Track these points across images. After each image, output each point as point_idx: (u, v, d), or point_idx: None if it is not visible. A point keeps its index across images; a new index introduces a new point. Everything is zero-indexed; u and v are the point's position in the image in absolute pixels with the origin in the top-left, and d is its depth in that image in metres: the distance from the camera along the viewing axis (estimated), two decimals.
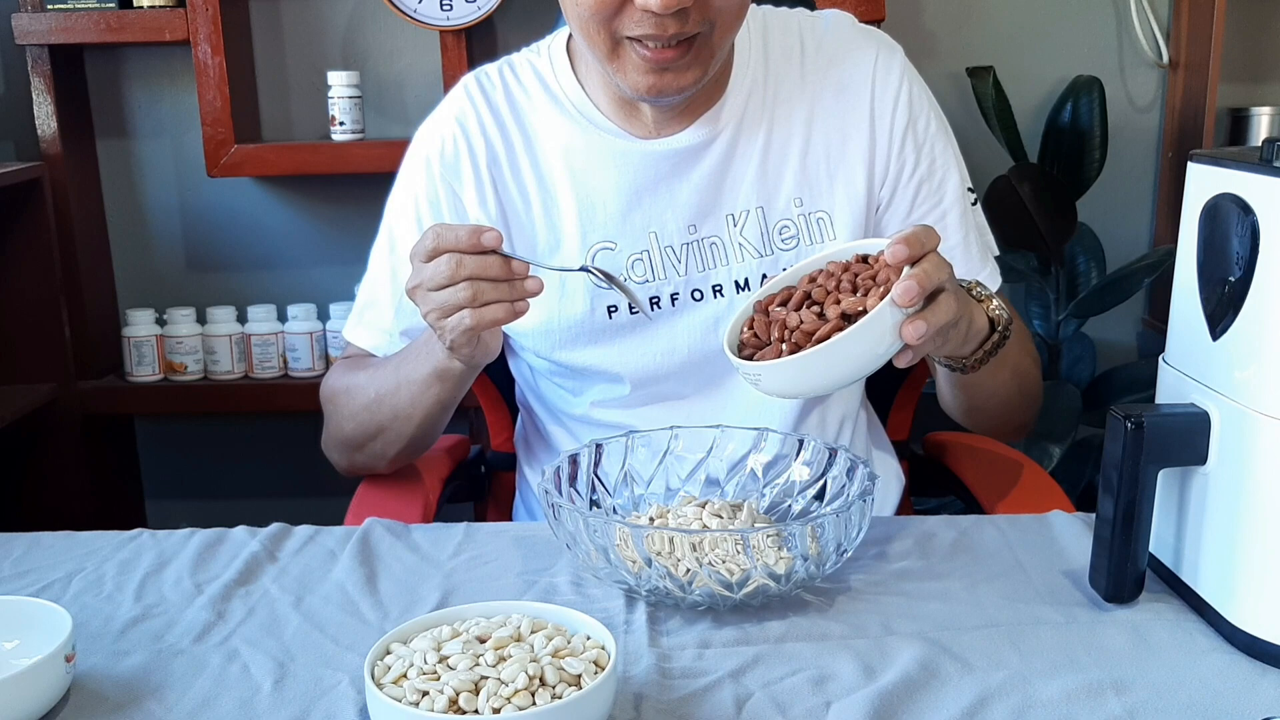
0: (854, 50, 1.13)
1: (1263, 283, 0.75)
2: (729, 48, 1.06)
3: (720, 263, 1.12)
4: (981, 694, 0.73)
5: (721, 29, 1.00)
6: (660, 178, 1.11)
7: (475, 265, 0.92)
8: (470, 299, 0.92)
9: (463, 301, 0.92)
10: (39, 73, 2.00)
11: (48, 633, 0.74)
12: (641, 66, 1.00)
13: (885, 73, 1.12)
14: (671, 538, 0.81)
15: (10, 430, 1.97)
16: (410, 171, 1.17)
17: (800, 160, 1.12)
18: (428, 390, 1.07)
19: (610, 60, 1.02)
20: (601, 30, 0.99)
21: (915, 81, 1.15)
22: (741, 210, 1.12)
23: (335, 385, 1.18)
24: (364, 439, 1.14)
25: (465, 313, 0.93)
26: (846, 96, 1.12)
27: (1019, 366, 1.11)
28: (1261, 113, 2.05)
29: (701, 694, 0.74)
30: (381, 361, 1.15)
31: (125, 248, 2.21)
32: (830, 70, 1.13)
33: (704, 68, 1.02)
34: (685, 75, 1.01)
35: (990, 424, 1.19)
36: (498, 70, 1.17)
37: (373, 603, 0.88)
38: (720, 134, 1.11)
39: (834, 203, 1.12)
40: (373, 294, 1.18)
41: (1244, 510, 0.77)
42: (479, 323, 0.93)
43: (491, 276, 0.92)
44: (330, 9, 2.11)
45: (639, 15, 0.97)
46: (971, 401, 1.13)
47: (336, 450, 1.19)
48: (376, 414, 1.11)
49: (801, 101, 1.12)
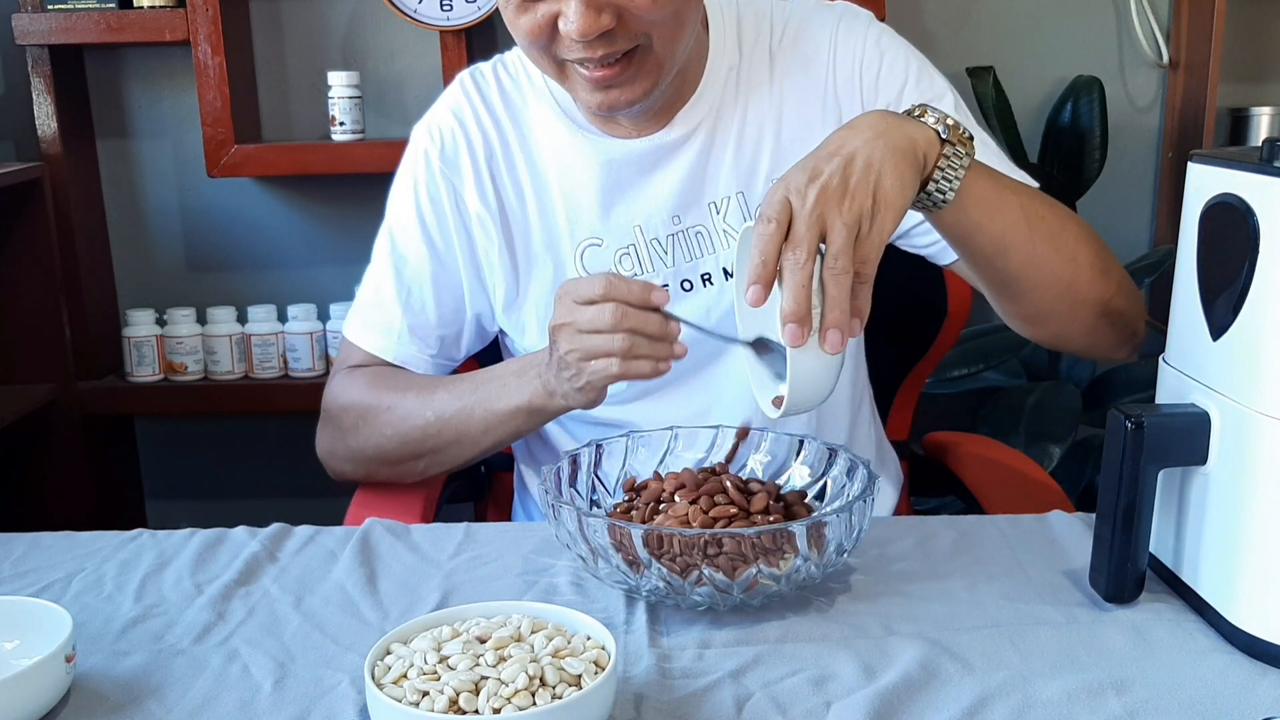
0: (815, 25, 1.13)
1: (1263, 283, 0.75)
2: (684, 52, 1.04)
3: (707, 251, 1.12)
4: (982, 694, 0.73)
5: (662, 39, 1.00)
6: (642, 172, 1.12)
7: (638, 319, 0.92)
8: (625, 350, 0.93)
9: (616, 350, 0.93)
10: (39, 73, 2.00)
11: (48, 633, 0.74)
12: (588, 86, 1.01)
13: (846, 36, 1.12)
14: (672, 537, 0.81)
15: (10, 430, 1.97)
16: (410, 167, 1.17)
17: (774, 141, 1.12)
18: (510, 422, 1.06)
19: (560, 81, 1.04)
20: (543, 55, 1.01)
21: (885, 34, 1.13)
22: (723, 197, 1.12)
23: (361, 400, 1.14)
24: (408, 458, 1.12)
25: (615, 361, 0.94)
26: (811, 70, 1.12)
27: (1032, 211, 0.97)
28: (1261, 113, 2.05)
29: (701, 694, 0.74)
30: (430, 380, 1.14)
31: (125, 248, 2.21)
32: (796, 48, 1.13)
33: (652, 78, 1.02)
34: (634, 88, 1.01)
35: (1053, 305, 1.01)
36: (491, 68, 1.18)
37: (373, 603, 0.88)
38: (699, 126, 1.11)
39: None
40: (376, 293, 1.17)
41: (1244, 510, 0.77)
42: (625, 373, 0.94)
43: (649, 333, 0.93)
44: (330, 9, 2.11)
45: (568, 41, 0.97)
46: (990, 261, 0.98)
47: (353, 463, 1.16)
48: (435, 436, 1.09)
49: (772, 84, 1.12)
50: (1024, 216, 0.96)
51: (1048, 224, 0.98)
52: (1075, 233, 1.00)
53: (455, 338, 1.18)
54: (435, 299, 1.15)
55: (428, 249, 1.15)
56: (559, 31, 0.97)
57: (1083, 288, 1.00)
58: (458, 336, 1.18)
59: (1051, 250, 0.98)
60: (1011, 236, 0.96)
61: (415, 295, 1.15)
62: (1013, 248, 0.96)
